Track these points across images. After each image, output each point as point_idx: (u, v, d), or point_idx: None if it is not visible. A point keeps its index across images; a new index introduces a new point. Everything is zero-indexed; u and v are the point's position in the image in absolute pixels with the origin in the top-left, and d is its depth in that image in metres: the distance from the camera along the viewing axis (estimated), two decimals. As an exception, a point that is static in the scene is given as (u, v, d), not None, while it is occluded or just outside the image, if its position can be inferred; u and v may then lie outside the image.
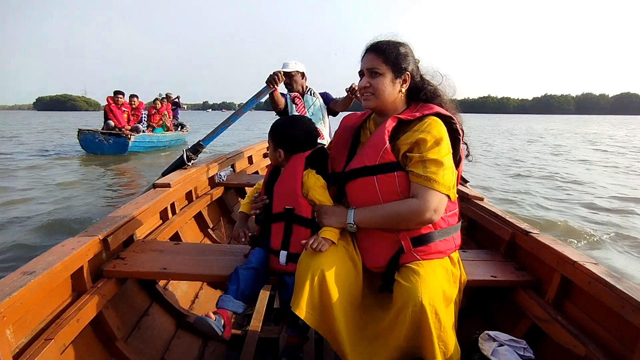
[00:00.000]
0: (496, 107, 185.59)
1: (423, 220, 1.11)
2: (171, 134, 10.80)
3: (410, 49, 1.23)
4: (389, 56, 1.18)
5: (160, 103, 10.71)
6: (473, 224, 2.05)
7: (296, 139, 1.36)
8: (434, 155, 1.10)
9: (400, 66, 1.19)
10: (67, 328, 1.14)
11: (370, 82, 1.20)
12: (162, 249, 1.60)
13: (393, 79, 1.19)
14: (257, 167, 3.78)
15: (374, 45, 1.22)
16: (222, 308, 1.24)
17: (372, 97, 1.21)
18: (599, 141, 17.08)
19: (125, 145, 8.90)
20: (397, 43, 1.22)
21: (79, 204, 4.82)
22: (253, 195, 1.49)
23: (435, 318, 1.02)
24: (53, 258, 1.18)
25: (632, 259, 3.41)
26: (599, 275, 1.17)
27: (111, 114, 9.05)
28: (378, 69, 1.18)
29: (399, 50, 1.20)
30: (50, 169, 7.43)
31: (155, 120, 10.46)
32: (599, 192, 6.02)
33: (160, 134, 10.19)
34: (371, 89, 1.20)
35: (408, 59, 1.21)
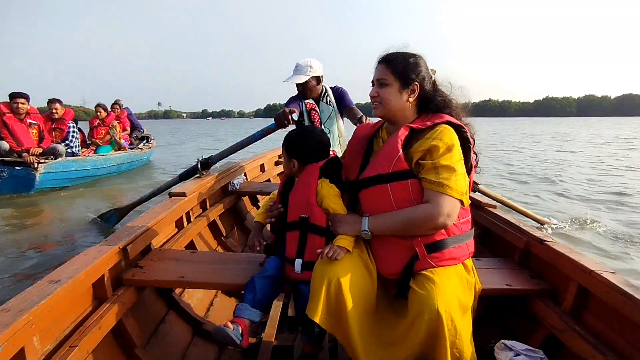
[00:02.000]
0: (497, 111, 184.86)
1: (437, 225, 1.13)
2: (123, 155, 7.22)
3: (422, 60, 1.26)
4: (397, 67, 1.23)
5: (104, 111, 7.19)
6: (487, 232, 2.04)
7: (309, 150, 1.38)
8: (446, 161, 1.12)
9: (407, 77, 1.22)
10: (90, 335, 1.17)
11: (378, 91, 1.25)
12: (178, 257, 1.63)
13: (400, 89, 1.22)
14: (269, 175, 3.81)
15: (384, 56, 1.27)
16: (240, 317, 1.26)
17: (379, 106, 1.26)
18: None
19: (29, 179, 5.23)
20: (406, 54, 1.25)
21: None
22: (268, 204, 1.52)
23: (451, 325, 1.03)
24: (76, 267, 1.22)
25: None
26: (616, 285, 1.16)
27: (5, 129, 5.23)
28: (385, 80, 1.23)
29: (408, 61, 1.23)
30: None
31: (99, 136, 7.19)
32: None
33: (101, 157, 6.57)
34: (379, 98, 1.25)
35: (418, 69, 1.24)
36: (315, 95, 2.65)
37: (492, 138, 19.95)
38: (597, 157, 11.19)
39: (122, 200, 4.99)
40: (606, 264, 2.25)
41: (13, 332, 0.91)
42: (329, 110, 2.68)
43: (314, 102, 2.66)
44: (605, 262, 3.16)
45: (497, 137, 21.23)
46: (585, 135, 23.38)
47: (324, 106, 2.67)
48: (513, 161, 10.15)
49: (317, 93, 2.65)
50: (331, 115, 2.69)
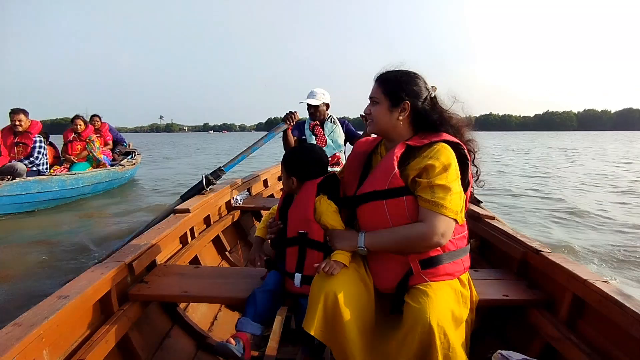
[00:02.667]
0: (498, 125, 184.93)
1: (431, 244, 1.15)
2: (99, 173, 6.29)
3: (416, 78, 1.28)
4: (387, 86, 1.27)
5: (83, 124, 6.34)
6: (485, 243, 2.06)
7: (308, 167, 1.42)
8: (442, 180, 1.14)
9: (397, 96, 1.25)
10: (97, 349, 1.21)
11: (370, 109, 1.31)
12: (182, 272, 1.67)
13: (389, 107, 1.26)
14: (272, 190, 3.86)
15: (378, 75, 1.32)
16: (241, 331, 1.29)
17: (371, 123, 1.32)
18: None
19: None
20: (399, 73, 1.29)
21: None
22: (268, 220, 1.56)
23: (444, 339, 1.05)
24: (84, 283, 1.26)
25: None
26: (609, 294, 1.18)
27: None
28: (376, 98, 1.29)
29: (400, 80, 1.27)
30: None
31: (74, 151, 6.32)
32: None
33: (71, 176, 5.59)
34: (370, 115, 1.31)
35: (409, 88, 1.25)
36: (321, 117, 3.13)
37: (527, 158, 17.67)
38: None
39: (94, 229, 4.50)
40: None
41: (25, 346, 0.95)
42: (332, 127, 3.15)
43: (319, 123, 3.15)
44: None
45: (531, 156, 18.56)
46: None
47: (328, 125, 3.15)
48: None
49: (324, 116, 3.14)
50: (334, 130, 3.15)
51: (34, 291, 2.73)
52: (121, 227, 4.57)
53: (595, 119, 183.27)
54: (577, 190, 8.04)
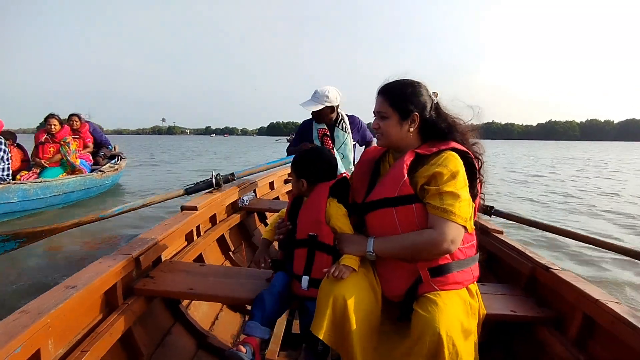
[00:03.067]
0: (500, 133, 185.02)
1: (440, 251, 1.15)
2: (72, 181, 5.42)
3: (421, 87, 1.28)
4: (395, 100, 1.26)
5: (58, 124, 5.60)
6: (493, 258, 2.04)
7: (317, 170, 1.42)
8: (451, 187, 1.14)
9: (406, 108, 1.25)
10: (100, 342, 1.20)
11: (379, 124, 1.29)
12: (188, 269, 1.67)
13: (399, 121, 1.26)
14: (278, 193, 3.86)
15: (383, 88, 1.30)
16: (251, 335, 1.27)
17: (382, 137, 1.31)
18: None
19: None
20: (405, 85, 1.28)
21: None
22: (276, 222, 1.56)
23: (452, 349, 1.03)
24: (91, 274, 1.26)
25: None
26: (621, 315, 1.17)
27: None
28: (385, 113, 1.27)
29: (406, 92, 1.26)
30: None
31: (46, 155, 5.53)
32: None
33: (36, 184, 4.79)
34: (380, 130, 1.29)
35: (416, 99, 1.26)
36: (329, 122, 2.72)
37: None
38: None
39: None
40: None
41: (31, 334, 0.95)
42: (343, 137, 2.75)
43: (327, 128, 2.73)
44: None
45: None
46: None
47: (338, 132, 2.73)
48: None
49: (331, 120, 2.72)
50: (345, 141, 2.75)
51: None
52: (69, 260, 3.50)
53: (598, 129, 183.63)
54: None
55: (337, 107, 2.70)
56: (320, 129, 2.74)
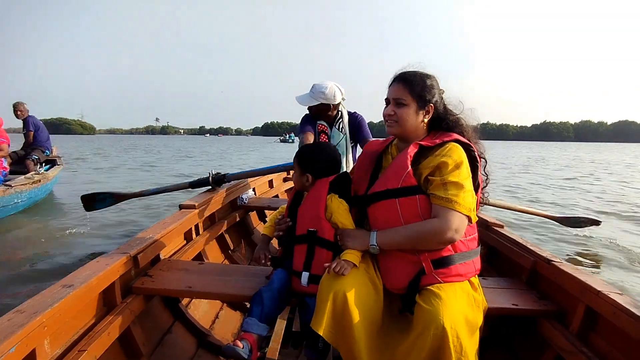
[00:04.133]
0: (495, 134, 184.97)
1: (444, 240, 1.14)
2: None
3: (436, 80, 1.30)
4: (415, 88, 1.25)
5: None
6: (494, 252, 2.04)
7: (323, 165, 1.42)
8: (455, 178, 1.14)
9: (425, 98, 1.25)
10: (98, 341, 1.18)
11: (395, 110, 1.27)
12: (186, 268, 1.65)
13: (417, 110, 1.26)
14: (277, 191, 3.85)
15: (401, 75, 1.29)
16: (248, 332, 1.26)
17: (395, 125, 1.28)
18: None
19: None
20: (424, 75, 1.28)
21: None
22: (276, 218, 1.54)
23: (457, 342, 1.02)
24: (89, 273, 1.24)
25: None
26: (623, 306, 1.16)
27: None
28: (404, 100, 1.25)
29: (425, 82, 1.26)
30: None
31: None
32: None
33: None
34: (395, 117, 1.27)
35: (433, 91, 1.27)
36: (327, 119, 2.60)
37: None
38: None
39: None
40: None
41: (26, 334, 0.93)
42: (339, 137, 2.60)
43: (327, 125, 2.61)
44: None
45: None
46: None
47: (335, 132, 2.61)
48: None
49: (330, 117, 2.60)
50: (341, 142, 2.60)
51: None
52: (67, 259, 3.38)
53: (591, 130, 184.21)
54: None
55: (337, 105, 2.56)
56: (320, 124, 2.60)
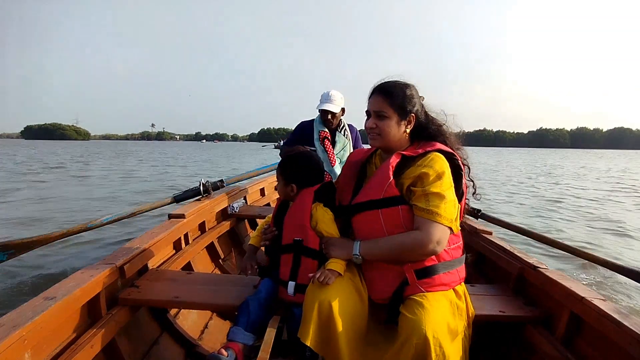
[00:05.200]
0: (492, 140, 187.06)
1: (426, 252, 1.15)
2: None
3: (415, 90, 1.30)
4: (395, 100, 1.25)
5: None
6: (482, 258, 2.05)
7: (309, 175, 1.41)
8: (436, 188, 1.14)
9: (405, 109, 1.26)
10: (81, 353, 1.17)
11: (376, 123, 1.27)
12: (174, 278, 1.64)
13: (398, 121, 1.26)
14: (268, 199, 3.84)
15: (380, 87, 1.29)
16: (233, 341, 1.26)
17: (378, 137, 1.28)
18: None
19: None
20: (403, 85, 1.29)
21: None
22: (263, 227, 1.54)
23: (439, 351, 1.03)
24: (73, 284, 1.23)
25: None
26: (606, 312, 1.17)
27: None
28: (385, 112, 1.25)
29: (405, 92, 1.27)
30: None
31: None
32: None
33: None
34: (377, 129, 1.27)
35: (413, 100, 1.27)
36: (334, 126, 2.72)
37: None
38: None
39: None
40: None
41: (5, 347, 0.92)
42: (343, 142, 2.75)
43: (329, 132, 2.72)
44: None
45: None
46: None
47: (339, 137, 2.75)
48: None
49: (337, 124, 2.74)
50: (345, 146, 2.76)
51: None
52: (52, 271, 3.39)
53: (587, 137, 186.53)
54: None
55: (344, 110, 2.74)
56: (322, 131, 2.71)
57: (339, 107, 2.63)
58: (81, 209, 6.53)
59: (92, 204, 7.21)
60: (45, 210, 6.35)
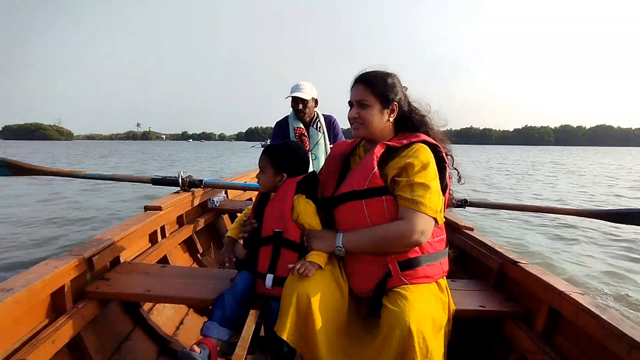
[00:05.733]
0: (478, 138, 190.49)
1: (410, 242, 1.12)
2: None
3: (397, 79, 1.29)
4: (377, 88, 1.24)
5: None
6: (463, 254, 2.05)
7: (298, 163, 1.39)
8: (421, 179, 1.13)
9: (387, 97, 1.24)
10: (41, 348, 1.10)
11: (359, 112, 1.25)
12: (148, 271, 1.58)
13: (381, 110, 1.24)
14: (250, 194, 3.76)
15: (362, 76, 1.27)
16: (207, 336, 1.21)
17: (361, 127, 1.26)
18: None
19: None
20: (384, 74, 1.27)
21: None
22: (242, 219, 1.50)
23: (422, 344, 1.00)
24: (33, 276, 1.16)
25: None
26: (584, 305, 1.18)
27: None
28: (366, 101, 1.24)
29: (387, 81, 1.25)
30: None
31: None
32: None
33: None
34: (360, 119, 1.25)
35: (395, 89, 1.26)
36: (308, 118, 2.71)
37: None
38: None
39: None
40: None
41: None
42: (317, 137, 2.72)
43: (304, 127, 2.71)
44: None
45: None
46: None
47: (313, 132, 2.72)
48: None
49: (311, 116, 2.71)
50: (319, 141, 2.73)
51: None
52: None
53: (571, 134, 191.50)
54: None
55: (315, 100, 2.70)
56: (298, 128, 2.70)
57: (308, 95, 2.61)
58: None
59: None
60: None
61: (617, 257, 4.33)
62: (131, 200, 7.36)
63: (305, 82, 2.65)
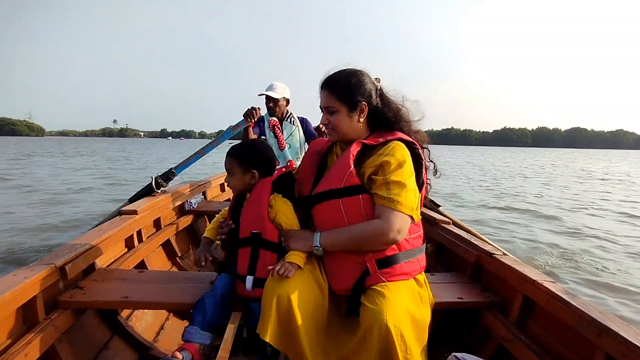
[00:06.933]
0: (459, 139, 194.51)
1: (387, 241, 1.14)
2: None
3: (364, 76, 1.26)
4: (341, 92, 1.23)
5: None
6: (441, 248, 2.09)
7: (268, 160, 1.39)
8: (397, 177, 1.14)
9: (353, 99, 1.23)
10: None
11: (329, 119, 1.26)
12: (125, 277, 1.54)
13: (349, 113, 1.24)
14: (229, 195, 3.74)
15: (326, 81, 1.26)
16: (189, 341, 1.19)
17: (333, 132, 1.28)
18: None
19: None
20: (348, 75, 1.25)
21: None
22: (219, 221, 1.48)
23: (401, 340, 1.02)
24: (2, 287, 1.11)
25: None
26: (556, 293, 1.22)
27: None
28: (333, 107, 1.24)
29: (351, 82, 1.23)
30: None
31: None
32: None
33: None
34: (331, 125, 1.26)
35: (362, 88, 1.24)
36: (279, 115, 2.91)
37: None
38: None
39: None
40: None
41: None
42: (291, 128, 2.93)
43: (278, 121, 2.90)
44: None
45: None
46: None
47: (286, 124, 2.92)
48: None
49: (282, 113, 2.91)
50: (293, 132, 2.92)
51: None
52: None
53: (547, 136, 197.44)
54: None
55: (288, 99, 2.92)
56: (272, 119, 2.88)
57: (280, 95, 2.80)
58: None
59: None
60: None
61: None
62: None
63: (278, 82, 2.87)
